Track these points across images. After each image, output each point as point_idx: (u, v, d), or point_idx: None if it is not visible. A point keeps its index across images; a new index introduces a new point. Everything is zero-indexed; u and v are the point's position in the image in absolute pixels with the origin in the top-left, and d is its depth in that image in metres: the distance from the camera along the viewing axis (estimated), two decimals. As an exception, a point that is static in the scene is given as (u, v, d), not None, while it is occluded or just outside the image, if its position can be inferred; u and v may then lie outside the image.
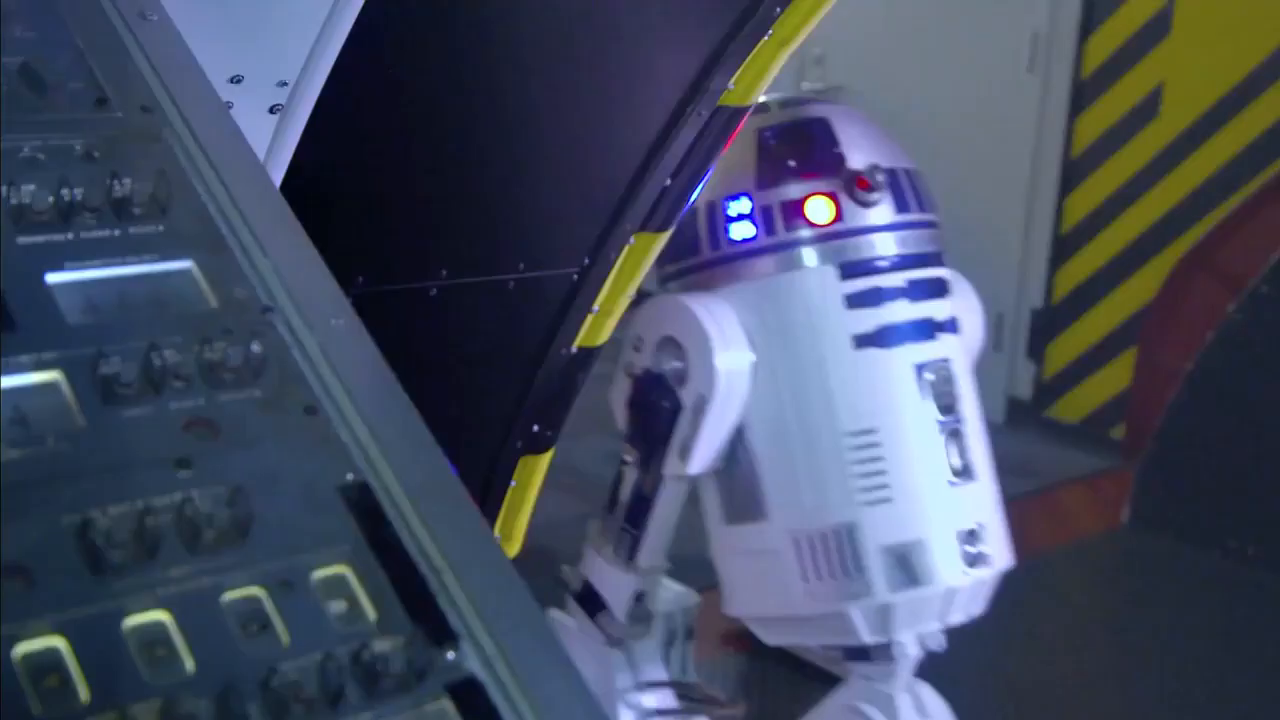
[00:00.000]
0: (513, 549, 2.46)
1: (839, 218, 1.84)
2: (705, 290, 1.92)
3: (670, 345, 1.90)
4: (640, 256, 2.22)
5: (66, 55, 0.85)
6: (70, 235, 0.76)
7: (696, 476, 1.93)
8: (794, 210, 1.85)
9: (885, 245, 1.86)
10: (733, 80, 2.00)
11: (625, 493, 2.04)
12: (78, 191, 0.76)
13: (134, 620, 0.60)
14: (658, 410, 1.92)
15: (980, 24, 5.89)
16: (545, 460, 2.40)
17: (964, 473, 1.86)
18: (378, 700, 0.62)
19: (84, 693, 0.57)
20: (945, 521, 1.83)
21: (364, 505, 0.71)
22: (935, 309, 1.88)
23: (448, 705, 0.63)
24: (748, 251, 1.88)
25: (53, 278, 0.73)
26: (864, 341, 1.82)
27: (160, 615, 0.61)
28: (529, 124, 1.99)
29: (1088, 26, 5.52)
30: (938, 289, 1.91)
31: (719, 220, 1.93)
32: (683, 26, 2.00)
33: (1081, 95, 5.59)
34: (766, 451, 1.86)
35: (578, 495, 5.05)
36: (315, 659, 0.62)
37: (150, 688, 0.59)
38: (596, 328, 2.28)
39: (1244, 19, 5.02)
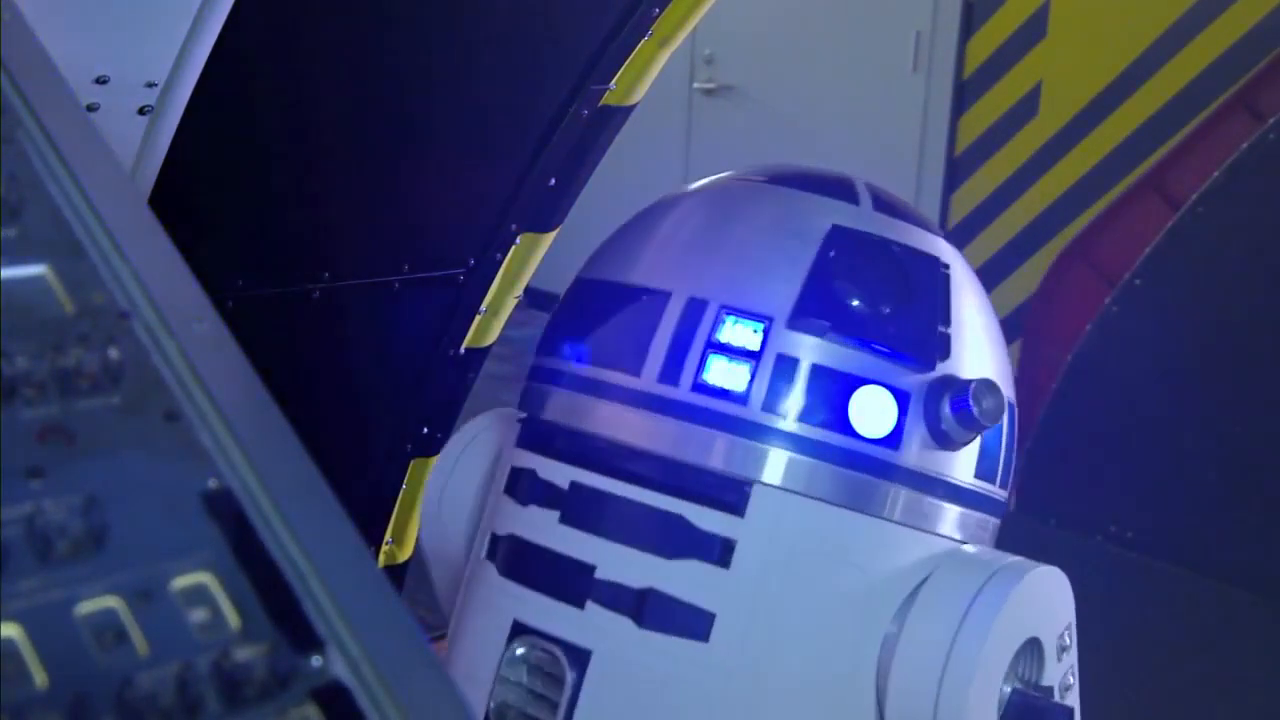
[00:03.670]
0: (404, 553, 2.44)
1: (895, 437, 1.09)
2: None
3: None
4: (527, 256, 2.21)
5: (-92, 55, 0.82)
6: (-85, 241, 0.74)
7: None
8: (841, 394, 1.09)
9: None
10: (614, 80, 2.01)
11: None
12: (-78, 195, 0.74)
13: (-17, 636, 0.59)
14: None
15: (866, 24, 5.99)
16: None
17: None
18: (239, 709, 0.61)
19: (-74, 713, 0.56)
20: None
21: (226, 511, 0.69)
22: None
23: (313, 711, 0.63)
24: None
25: (-104, 285, 0.71)
26: None
27: (10, 630, 0.60)
28: (410, 125, 1.97)
29: (969, 27, 5.64)
30: None
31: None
32: (563, 27, 2.00)
33: (963, 95, 5.71)
34: None
35: (472, 498, 5.02)
36: (173, 669, 0.61)
37: (-3, 705, 0.57)
38: (485, 328, 2.28)
39: (1116, 21, 5.18)
